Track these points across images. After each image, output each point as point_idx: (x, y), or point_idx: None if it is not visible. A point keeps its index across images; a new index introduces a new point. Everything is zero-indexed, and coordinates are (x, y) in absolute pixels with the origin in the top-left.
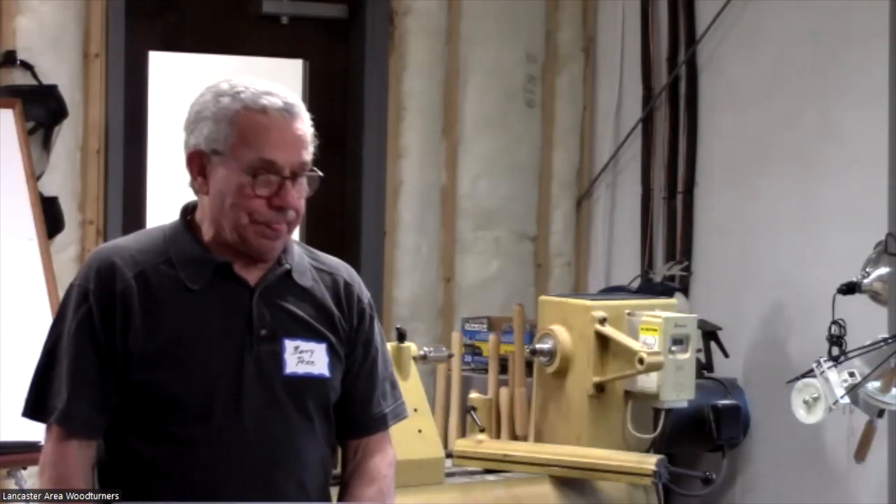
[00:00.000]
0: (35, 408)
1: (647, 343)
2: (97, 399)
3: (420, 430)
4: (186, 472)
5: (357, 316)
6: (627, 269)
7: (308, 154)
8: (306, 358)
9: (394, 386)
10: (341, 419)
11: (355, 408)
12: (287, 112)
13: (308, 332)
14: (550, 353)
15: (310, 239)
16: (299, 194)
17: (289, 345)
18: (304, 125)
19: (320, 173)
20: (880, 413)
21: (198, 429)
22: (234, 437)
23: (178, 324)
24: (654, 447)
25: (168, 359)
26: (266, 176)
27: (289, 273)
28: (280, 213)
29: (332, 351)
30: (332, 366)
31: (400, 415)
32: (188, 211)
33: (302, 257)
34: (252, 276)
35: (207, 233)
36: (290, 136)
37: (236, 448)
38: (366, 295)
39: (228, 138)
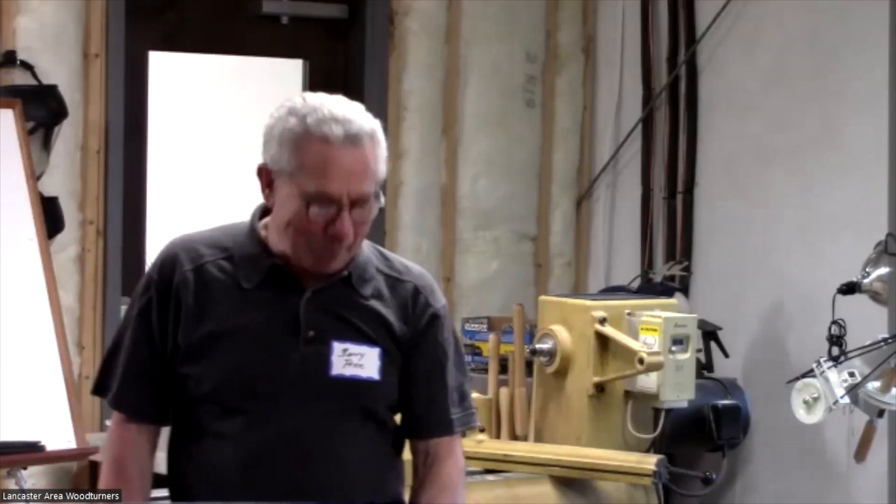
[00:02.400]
0: (99, 386)
1: (647, 343)
2: (149, 387)
3: None
4: (221, 467)
5: (426, 319)
6: (627, 269)
7: (369, 183)
8: (355, 361)
9: (463, 397)
10: (407, 419)
11: (420, 408)
12: (349, 141)
13: (359, 337)
14: (550, 353)
15: None
16: (360, 219)
17: (337, 347)
18: (369, 153)
19: (382, 203)
20: (880, 413)
21: (232, 425)
22: (270, 435)
23: (223, 319)
24: (654, 447)
25: (206, 353)
26: (321, 205)
27: (348, 279)
28: (335, 242)
29: (385, 355)
30: (383, 370)
31: (468, 423)
32: (262, 212)
33: (368, 263)
34: (310, 278)
35: (272, 236)
36: (349, 165)
37: (270, 446)
38: (438, 301)
39: (290, 162)
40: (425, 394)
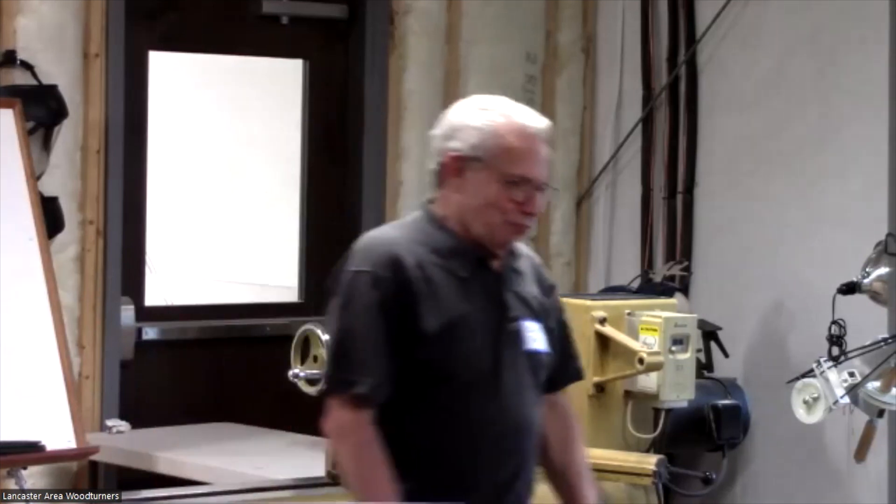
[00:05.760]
0: (336, 382)
1: (647, 343)
2: (389, 372)
3: None
4: (451, 440)
5: (551, 289)
6: (627, 269)
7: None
8: (536, 337)
9: None
10: (549, 377)
11: (561, 365)
12: (545, 136)
13: (531, 314)
14: None
15: (310, 239)
16: (543, 202)
17: (525, 325)
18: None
19: (556, 187)
20: (880, 413)
21: (464, 402)
22: (494, 408)
23: (453, 307)
24: (654, 447)
25: (446, 339)
26: (522, 187)
27: (509, 260)
28: (528, 217)
29: (546, 329)
30: (548, 342)
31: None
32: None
33: (517, 245)
34: (496, 265)
35: (455, 227)
36: (543, 156)
37: (495, 418)
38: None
39: (494, 150)
40: (565, 352)
